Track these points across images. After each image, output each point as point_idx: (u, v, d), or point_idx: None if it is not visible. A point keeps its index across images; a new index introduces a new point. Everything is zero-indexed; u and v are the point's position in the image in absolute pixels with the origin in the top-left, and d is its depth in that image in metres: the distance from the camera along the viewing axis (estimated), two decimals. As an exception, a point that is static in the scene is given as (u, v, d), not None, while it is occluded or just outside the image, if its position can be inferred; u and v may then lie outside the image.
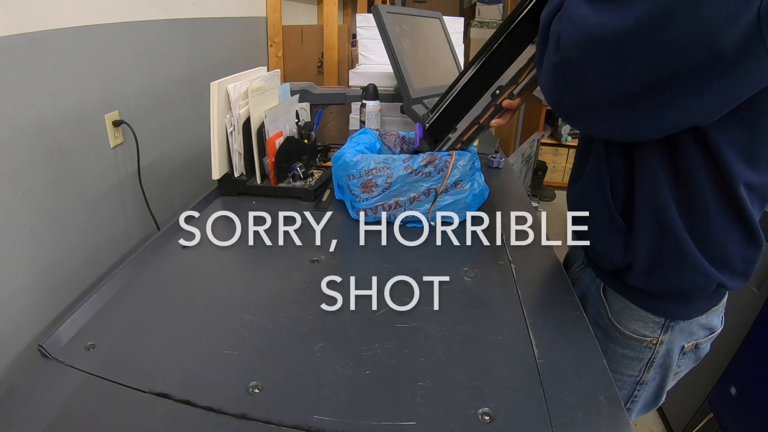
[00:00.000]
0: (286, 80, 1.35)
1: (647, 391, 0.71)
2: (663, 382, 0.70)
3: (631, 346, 0.68)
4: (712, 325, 0.68)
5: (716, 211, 0.56)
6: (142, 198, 1.22)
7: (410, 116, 1.18)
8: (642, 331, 0.66)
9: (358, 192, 0.84)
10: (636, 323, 0.67)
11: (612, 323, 0.69)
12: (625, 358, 0.69)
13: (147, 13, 1.22)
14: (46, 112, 0.93)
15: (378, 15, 1.15)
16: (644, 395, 0.71)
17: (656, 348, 0.67)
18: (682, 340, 0.66)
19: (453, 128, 0.84)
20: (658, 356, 0.67)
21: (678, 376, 0.72)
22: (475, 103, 0.78)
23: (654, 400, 0.73)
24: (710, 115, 0.49)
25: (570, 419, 0.47)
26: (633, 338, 0.67)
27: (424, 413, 0.48)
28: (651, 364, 0.68)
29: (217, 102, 0.90)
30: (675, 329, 0.65)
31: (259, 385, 0.51)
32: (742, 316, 1.22)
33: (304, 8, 2.55)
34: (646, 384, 0.70)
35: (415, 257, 0.75)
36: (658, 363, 0.68)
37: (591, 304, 0.72)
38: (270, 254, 0.76)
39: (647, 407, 0.75)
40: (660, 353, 0.67)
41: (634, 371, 0.69)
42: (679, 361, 0.69)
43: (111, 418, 0.47)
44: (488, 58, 0.73)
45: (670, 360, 0.68)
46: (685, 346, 0.67)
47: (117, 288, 0.68)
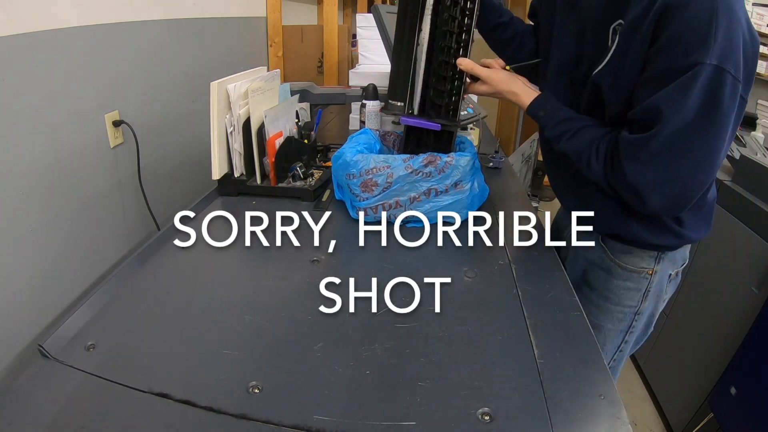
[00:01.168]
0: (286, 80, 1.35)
1: (641, 321, 0.85)
2: (654, 309, 0.85)
3: (632, 279, 0.81)
4: (685, 255, 0.84)
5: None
6: (142, 198, 1.22)
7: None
8: (640, 264, 0.80)
9: (358, 191, 0.84)
10: (635, 258, 0.80)
11: (615, 262, 0.81)
12: (627, 290, 0.82)
13: (147, 13, 1.22)
14: (46, 112, 0.93)
15: (378, 15, 1.15)
16: (639, 325, 0.85)
17: (651, 278, 0.81)
18: (670, 268, 0.81)
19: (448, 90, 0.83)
20: (652, 285, 0.81)
21: (664, 302, 0.86)
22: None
23: (645, 330, 0.87)
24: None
25: (570, 419, 0.47)
26: (634, 271, 0.81)
27: (424, 413, 0.48)
28: (647, 293, 0.82)
29: (217, 102, 0.90)
30: (665, 259, 0.80)
31: (259, 385, 0.51)
32: (742, 316, 1.22)
33: (304, 8, 2.55)
34: (642, 314, 0.84)
35: (415, 257, 0.75)
36: (653, 291, 0.82)
37: (593, 252, 0.84)
38: (270, 254, 0.76)
39: (639, 339, 0.88)
40: (654, 282, 0.81)
41: (634, 301, 0.82)
42: (667, 288, 0.83)
43: (111, 418, 0.47)
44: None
45: (660, 287, 0.82)
46: (671, 274, 0.82)
47: (117, 288, 0.68)
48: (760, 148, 1.48)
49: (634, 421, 1.55)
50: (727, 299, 1.30)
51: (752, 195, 1.27)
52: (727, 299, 1.30)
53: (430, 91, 0.86)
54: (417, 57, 0.83)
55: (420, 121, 0.85)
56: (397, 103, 0.87)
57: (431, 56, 0.83)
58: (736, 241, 1.28)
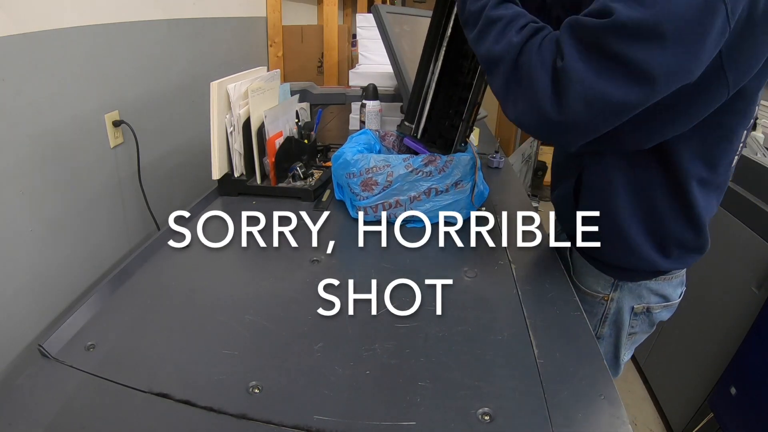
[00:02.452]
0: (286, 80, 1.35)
1: (604, 347, 0.79)
2: (617, 340, 0.78)
3: (587, 301, 0.76)
4: (665, 293, 0.74)
5: (661, 197, 0.65)
6: (142, 198, 1.22)
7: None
8: (595, 287, 0.75)
9: (358, 190, 0.84)
10: (591, 279, 0.75)
11: (573, 279, 0.77)
12: (585, 312, 0.75)
13: (147, 13, 1.22)
14: (46, 112, 0.93)
15: (378, 15, 1.15)
16: (602, 351, 0.77)
17: (608, 304, 0.75)
18: (632, 301, 0.74)
19: (453, 122, 0.84)
20: (610, 312, 0.76)
21: (634, 338, 0.78)
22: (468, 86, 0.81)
23: (613, 362, 0.80)
24: (681, 130, 0.58)
25: (570, 419, 0.47)
26: (588, 294, 0.76)
27: (424, 413, 0.48)
28: (605, 319, 0.76)
29: (217, 102, 0.90)
30: (624, 289, 0.73)
31: (259, 385, 0.51)
32: (742, 316, 1.22)
33: (304, 8, 2.55)
34: (603, 339, 0.78)
35: (415, 257, 0.75)
36: (611, 319, 0.76)
37: (564, 264, 0.79)
38: (270, 254, 0.76)
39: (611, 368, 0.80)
40: (612, 310, 0.75)
41: (590, 325, 0.75)
42: (632, 321, 0.76)
43: (111, 418, 0.47)
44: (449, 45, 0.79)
45: (621, 318, 0.76)
46: (635, 308, 0.75)
47: (117, 288, 0.68)
48: (760, 148, 1.48)
49: (634, 421, 1.55)
50: (727, 299, 1.30)
51: (752, 195, 1.27)
52: (727, 299, 1.30)
53: (436, 118, 0.88)
54: (429, 84, 0.85)
55: (418, 146, 0.90)
56: (407, 124, 0.91)
57: (439, 86, 0.85)
58: (736, 241, 1.28)
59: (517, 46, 0.55)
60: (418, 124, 0.89)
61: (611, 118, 0.51)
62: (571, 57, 0.49)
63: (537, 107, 0.52)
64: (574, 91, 0.49)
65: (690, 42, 0.46)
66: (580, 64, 0.49)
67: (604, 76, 0.48)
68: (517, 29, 0.56)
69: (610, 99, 0.49)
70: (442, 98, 0.86)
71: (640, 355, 1.74)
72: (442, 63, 0.82)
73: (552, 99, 0.51)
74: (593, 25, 0.49)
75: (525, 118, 0.55)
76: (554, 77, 0.51)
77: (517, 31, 0.56)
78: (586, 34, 0.49)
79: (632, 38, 0.47)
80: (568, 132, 0.53)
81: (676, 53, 0.47)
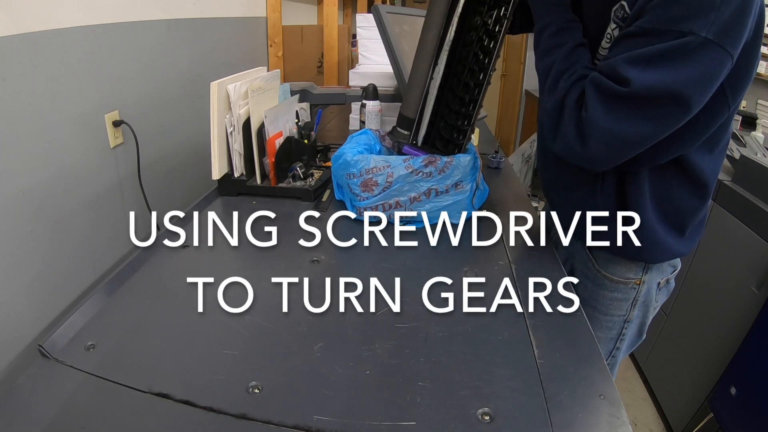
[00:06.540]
0: (286, 80, 1.35)
1: (632, 329, 0.84)
2: (645, 317, 0.84)
3: (619, 289, 0.80)
4: (676, 263, 0.82)
5: (678, 185, 0.71)
6: (142, 198, 1.22)
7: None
8: (627, 274, 0.79)
9: (358, 191, 0.84)
10: (621, 268, 0.79)
11: (600, 273, 0.80)
12: (614, 301, 0.81)
13: (147, 13, 1.22)
14: (46, 112, 0.93)
15: (378, 15, 1.15)
16: (630, 332, 0.84)
17: (639, 288, 0.79)
18: (658, 276, 0.80)
19: (460, 124, 0.83)
20: (641, 295, 0.80)
21: (655, 310, 0.85)
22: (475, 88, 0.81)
23: (637, 336, 0.86)
24: (691, 147, 0.67)
25: (570, 419, 0.47)
26: (621, 282, 0.79)
27: (424, 413, 0.48)
28: (635, 302, 0.81)
29: (217, 102, 0.90)
30: (653, 269, 0.79)
31: (259, 385, 0.51)
32: (742, 316, 1.22)
33: (304, 8, 2.55)
34: (632, 321, 0.83)
35: (415, 257, 0.75)
36: (641, 301, 0.81)
37: (578, 260, 0.83)
38: (269, 254, 0.76)
39: (632, 345, 0.87)
40: (642, 291, 0.80)
41: (622, 311, 0.81)
42: (657, 296, 0.82)
43: (111, 418, 0.47)
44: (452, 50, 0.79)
45: (650, 297, 0.81)
46: (660, 282, 0.81)
47: (117, 288, 0.68)
48: (760, 148, 1.48)
49: (634, 421, 1.55)
50: (727, 299, 1.30)
51: (752, 195, 1.27)
52: (727, 299, 1.30)
53: (440, 122, 0.87)
54: (429, 89, 0.84)
55: (419, 153, 0.88)
56: (402, 131, 0.89)
57: (443, 89, 0.84)
58: (736, 241, 1.28)
59: (560, 98, 0.65)
60: (417, 131, 0.87)
61: (629, 153, 0.62)
62: (593, 111, 0.60)
63: (569, 147, 0.64)
64: (595, 138, 0.61)
65: (707, 94, 0.57)
66: (600, 114, 0.60)
67: (623, 123, 0.59)
68: (565, 79, 0.66)
69: (625, 138, 0.60)
70: (445, 103, 0.85)
71: (640, 355, 1.74)
72: (444, 68, 0.81)
73: (577, 141, 0.63)
74: (613, 91, 0.58)
75: (563, 153, 0.67)
76: (578, 124, 0.62)
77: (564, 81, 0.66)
78: (609, 96, 0.59)
79: (653, 105, 0.57)
80: (594, 165, 0.66)
81: (695, 108, 0.57)
